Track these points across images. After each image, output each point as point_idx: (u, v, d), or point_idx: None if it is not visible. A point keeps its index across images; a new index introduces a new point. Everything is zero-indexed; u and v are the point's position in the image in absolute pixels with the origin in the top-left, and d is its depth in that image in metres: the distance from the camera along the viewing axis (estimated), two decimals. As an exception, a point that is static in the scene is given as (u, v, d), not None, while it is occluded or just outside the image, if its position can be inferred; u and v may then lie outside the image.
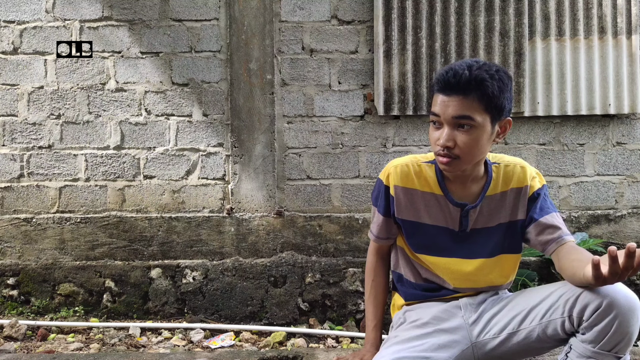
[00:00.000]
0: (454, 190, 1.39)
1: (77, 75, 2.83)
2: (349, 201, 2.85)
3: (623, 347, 1.14)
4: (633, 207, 2.90)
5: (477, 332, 1.34)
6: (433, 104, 1.29)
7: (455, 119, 1.24)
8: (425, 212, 1.41)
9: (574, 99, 2.80)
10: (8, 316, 2.70)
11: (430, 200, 1.40)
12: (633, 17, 2.79)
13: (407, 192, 1.41)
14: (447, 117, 1.25)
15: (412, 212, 1.41)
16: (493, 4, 2.77)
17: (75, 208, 2.83)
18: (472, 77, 1.22)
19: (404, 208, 1.42)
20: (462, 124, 1.24)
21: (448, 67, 1.26)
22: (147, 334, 2.58)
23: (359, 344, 2.48)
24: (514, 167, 1.39)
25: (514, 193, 1.37)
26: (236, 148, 2.82)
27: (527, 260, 2.68)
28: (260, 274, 2.75)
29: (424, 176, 1.41)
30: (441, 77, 1.25)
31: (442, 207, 1.39)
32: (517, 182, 1.37)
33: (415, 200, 1.41)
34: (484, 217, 1.38)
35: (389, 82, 2.78)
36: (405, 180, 1.41)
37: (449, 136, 1.25)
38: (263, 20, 2.80)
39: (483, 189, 1.38)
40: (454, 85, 1.23)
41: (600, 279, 1.06)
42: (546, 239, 1.32)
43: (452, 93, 1.24)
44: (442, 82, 1.25)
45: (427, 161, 1.43)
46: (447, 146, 1.25)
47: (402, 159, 1.44)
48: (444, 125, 1.26)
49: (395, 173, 1.42)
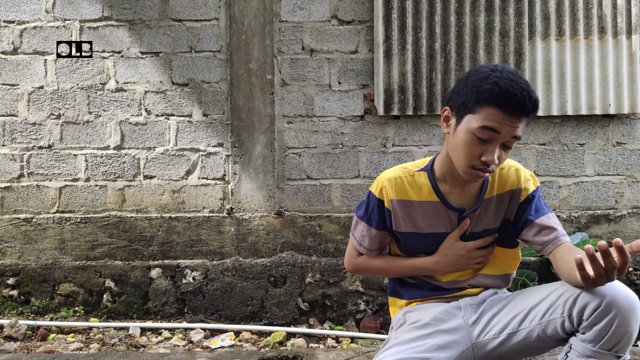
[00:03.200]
0: (450, 195, 1.38)
1: (77, 75, 2.83)
2: (349, 201, 2.85)
3: (623, 346, 1.14)
4: (633, 207, 2.90)
5: (477, 333, 1.34)
6: (486, 119, 1.18)
7: (512, 138, 1.20)
8: (423, 222, 1.40)
9: (574, 99, 2.80)
10: (8, 316, 2.70)
11: (427, 209, 1.38)
12: (633, 17, 2.79)
13: (404, 204, 1.39)
14: (506, 136, 1.19)
15: (411, 224, 1.40)
16: (493, 4, 2.77)
17: (75, 208, 2.83)
18: (537, 102, 1.19)
19: (402, 221, 1.40)
20: (511, 144, 1.21)
21: (518, 87, 1.16)
22: (147, 334, 2.58)
23: (359, 343, 2.48)
24: (508, 170, 1.38)
25: (509, 195, 1.37)
26: (236, 148, 2.82)
27: (527, 260, 2.68)
28: (260, 274, 2.74)
29: (417, 185, 1.39)
30: (514, 97, 1.15)
31: (440, 214, 1.38)
32: (512, 184, 1.37)
33: (412, 212, 1.40)
34: (482, 221, 1.39)
35: (389, 82, 2.78)
36: (400, 192, 1.39)
37: (500, 155, 1.21)
38: (263, 20, 2.80)
39: (481, 193, 1.37)
40: (527, 109, 1.17)
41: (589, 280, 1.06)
42: (543, 240, 1.33)
43: (517, 114, 1.17)
44: (514, 103, 1.16)
45: (419, 169, 1.41)
46: (495, 163, 1.20)
47: (394, 171, 1.41)
48: (495, 142, 1.20)
49: (390, 186, 1.39)
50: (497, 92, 1.17)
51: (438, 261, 1.40)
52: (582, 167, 2.89)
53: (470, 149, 1.22)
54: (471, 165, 1.24)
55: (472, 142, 1.22)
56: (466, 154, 1.23)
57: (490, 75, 1.20)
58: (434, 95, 2.78)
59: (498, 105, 1.17)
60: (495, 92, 1.17)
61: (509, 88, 1.16)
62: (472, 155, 1.22)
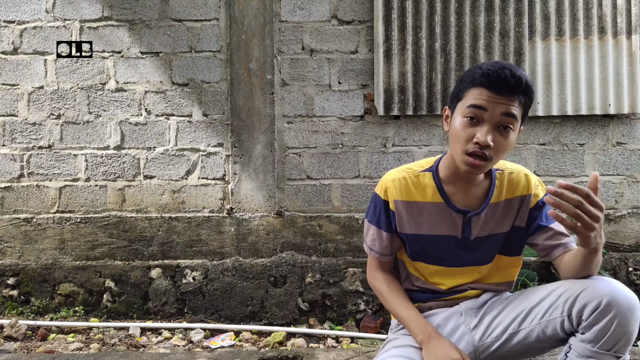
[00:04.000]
0: (455, 196, 1.36)
1: (77, 75, 2.83)
2: (349, 201, 2.85)
3: (622, 346, 1.14)
4: (633, 207, 2.90)
5: (479, 337, 1.34)
6: (472, 98, 1.21)
7: (503, 116, 1.19)
8: (427, 223, 1.38)
9: (574, 99, 2.80)
10: (8, 316, 2.70)
11: (431, 210, 1.37)
12: (633, 17, 2.79)
13: (408, 205, 1.37)
14: (495, 114, 1.19)
15: (415, 225, 1.38)
16: (493, 4, 2.77)
17: (75, 208, 2.83)
18: (524, 80, 1.19)
19: (406, 222, 1.38)
20: (505, 124, 1.20)
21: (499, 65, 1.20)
22: (147, 334, 2.58)
23: (359, 343, 2.48)
24: (518, 175, 1.37)
25: (518, 201, 1.36)
26: (236, 148, 2.82)
27: (527, 260, 2.68)
28: (260, 274, 2.74)
29: (422, 186, 1.37)
30: (494, 73, 1.18)
31: (444, 215, 1.36)
32: (522, 190, 1.36)
33: (416, 213, 1.38)
34: (488, 225, 1.36)
35: (389, 82, 2.78)
36: (404, 193, 1.37)
37: (492, 134, 1.20)
38: (263, 20, 2.80)
39: (487, 196, 1.36)
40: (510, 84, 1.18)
41: (580, 226, 1.06)
42: (553, 244, 1.33)
43: (504, 92, 1.19)
44: (494, 79, 1.18)
45: (423, 170, 1.39)
46: (487, 145, 1.19)
47: (398, 172, 1.40)
48: (485, 123, 1.20)
49: (394, 187, 1.38)
50: (479, 73, 1.21)
51: (424, 343, 1.31)
52: (582, 167, 2.89)
53: (463, 132, 1.22)
54: (465, 151, 1.22)
55: (464, 125, 1.23)
56: (459, 139, 1.23)
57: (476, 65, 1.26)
58: (434, 95, 2.78)
59: (481, 84, 1.20)
60: (477, 74, 1.21)
61: (490, 68, 1.20)
62: (465, 138, 1.22)
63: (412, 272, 1.46)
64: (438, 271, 1.41)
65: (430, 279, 1.43)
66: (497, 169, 1.38)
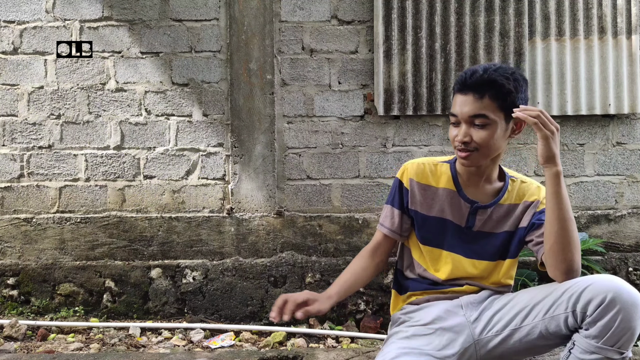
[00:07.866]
0: (468, 188, 1.45)
1: (77, 75, 2.83)
2: (349, 201, 2.85)
3: (626, 342, 1.16)
4: (633, 207, 2.90)
5: (480, 330, 1.35)
6: (453, 105, 1.38)
7: (471, 118, 1.32)
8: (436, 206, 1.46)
9: (574, 99, 2.81)
10: (8, 316, 2.70)
11: (442, 196, 1.46)
12: (633, 17, 2.79)
13: (422, 187, 1.48)
14: (464, 116, 1.33)
15: (425, 206, 1.47)
16: (493, 4, 2.77)
17: (75, 208, 2.83)
18: (486, 77, 1.31)
19: (417, 201, 1.48)
20: (477, 122, 1.32)
21: (468, 69, 1.36)
22: (147, 334, 2.58)
23: (359, 343, 2.48)
24: (530, 184, 1.46)
25: (525, 205, 1.43)
26: (236, 148, 2.82)
27: (527, 260, 2.68)
28: (260, 274, 2.74)
29: (438, 174, 1.48)
30: (460, 77, 1.36)
31: (453, 202, 1.45)
32: (530, 196, 1.43)
33: (428, 196, 1.47)
34: (492, 222, 1.44)
35: (389, 82, 2.78)
36: (420, 175, 1.48)
37: (465, 133, 1.33)
38: (263, 20, 2.80)
39: (498, 195, 1.44)
40: (470, 85, 1.32)
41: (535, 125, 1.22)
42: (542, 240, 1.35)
43: (468, 92, 1.33)
44: (460, 83, 1.35)
45: (443, 161, 1.51)
46: (464, 141, 1.33)
47: (419, 159, 1.53)
48: (462, 123, 1.34)
49: (412, 169, 1.49)
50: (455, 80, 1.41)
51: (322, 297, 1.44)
52: (582, 167, 2.89)
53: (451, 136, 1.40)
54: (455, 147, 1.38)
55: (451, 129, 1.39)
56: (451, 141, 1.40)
57: None
58: (434, 95, 2.78)
59: (456, 90, 1.37)
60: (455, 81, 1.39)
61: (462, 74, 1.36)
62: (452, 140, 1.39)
63: (415, 258, 1.50)
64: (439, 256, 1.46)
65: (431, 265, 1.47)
66: (512, 176, 1.47)
